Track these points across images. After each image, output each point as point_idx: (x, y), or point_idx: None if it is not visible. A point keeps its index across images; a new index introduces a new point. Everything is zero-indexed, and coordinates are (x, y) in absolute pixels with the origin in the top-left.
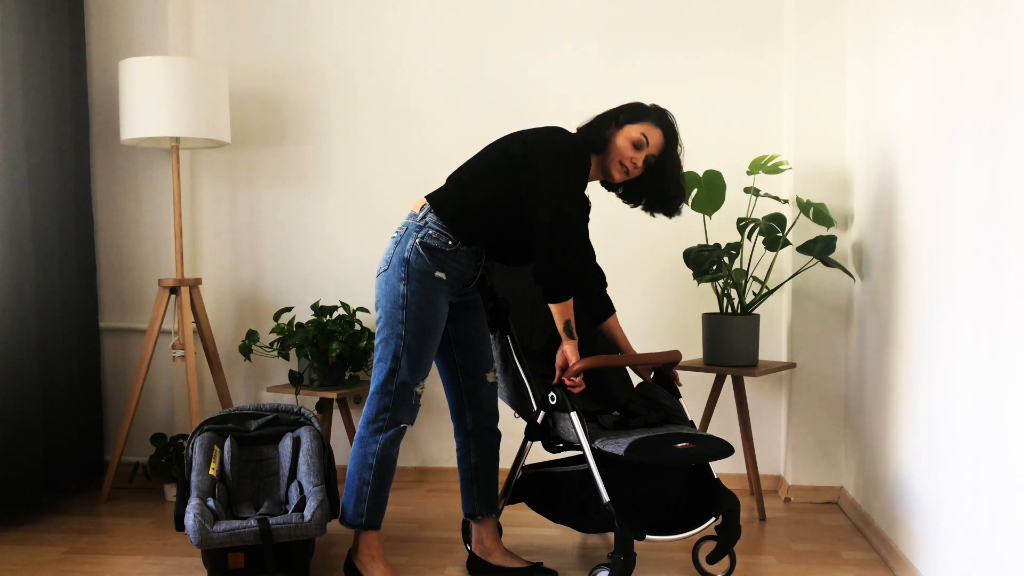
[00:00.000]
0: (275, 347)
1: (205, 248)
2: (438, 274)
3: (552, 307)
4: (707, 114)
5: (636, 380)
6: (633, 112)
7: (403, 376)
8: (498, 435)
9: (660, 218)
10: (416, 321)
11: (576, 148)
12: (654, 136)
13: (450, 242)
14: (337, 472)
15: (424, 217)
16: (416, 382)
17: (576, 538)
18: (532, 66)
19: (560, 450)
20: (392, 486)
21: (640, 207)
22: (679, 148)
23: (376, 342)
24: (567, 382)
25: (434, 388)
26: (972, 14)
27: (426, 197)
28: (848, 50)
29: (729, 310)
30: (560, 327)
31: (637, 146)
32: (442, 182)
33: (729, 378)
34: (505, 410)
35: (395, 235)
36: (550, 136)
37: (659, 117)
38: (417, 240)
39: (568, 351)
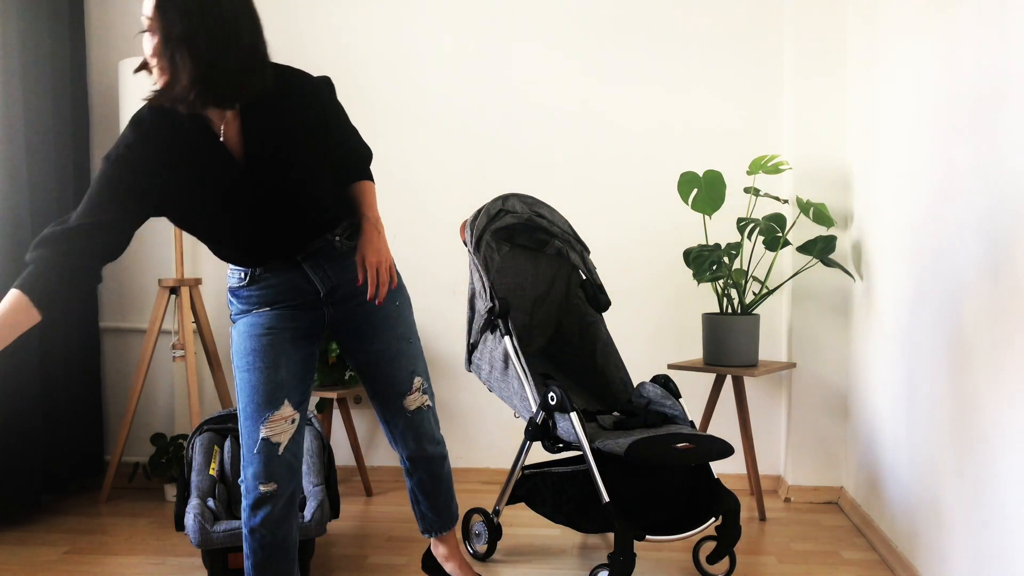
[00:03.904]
0: None
1: (205, 248)
2: (257, 310)
3: None
4: (707, 114)
5: (636, 381)
6: None
7: (244, 423)
8: (436, 459)
9: (660, 218)
10: (238, 355)
11: (129, 125)
12: (148, 12)
13: (242, 274)
14: (337, 472)
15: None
16: (263, 417)
17: (576, 538)
18: (531, 67)
19: (560, 450)
20: (392, 486)
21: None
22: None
23: None
24: None
25: (435, 387)
26: (972, 13)
27: None
28: (848, 49)
29: (729, 310)
30: None
31: (151, 35)
32: (439, 182)
33: (729, 378)
34: (505, 411)
35: None
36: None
37: None
38: (228, 289)
39: None
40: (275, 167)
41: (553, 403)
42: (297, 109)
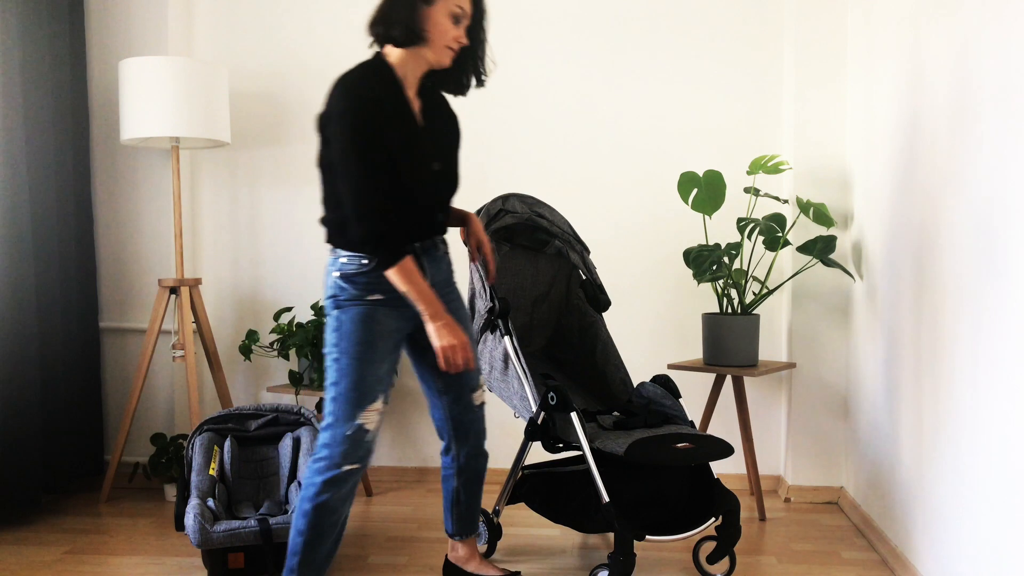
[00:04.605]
0: (275, 347)
1: (205, 248)
2: (371, 297)
3: (390, 276)
4: (707, 114)
5: (636, 381)
6: None
7: (343, 406)
8: (485, 457)
9: (660, 218)
10: (349, 340)
11: (350, 87)
12: (465, 3)
13: (364, 260)
14: None
15: (334, 249)
16: (363, 406)
17: (576, 538)
18: (531, 65)
19: (560, 450)
20: (392, 486)
21: (452, 88)
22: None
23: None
24: (457, 365)
25: None
26: (972, 13)
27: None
28: (848, 49)
29: (729, 310)
30: (413, 296)
31: (457, 20)
32: None
33: (729, 378)
34: (505, 411)
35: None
36: (332, 96)
37: None
38: (336, 274)
39: (436, 331)
40: (439, 153)
41: (553, 403)
42: (455, 124)
